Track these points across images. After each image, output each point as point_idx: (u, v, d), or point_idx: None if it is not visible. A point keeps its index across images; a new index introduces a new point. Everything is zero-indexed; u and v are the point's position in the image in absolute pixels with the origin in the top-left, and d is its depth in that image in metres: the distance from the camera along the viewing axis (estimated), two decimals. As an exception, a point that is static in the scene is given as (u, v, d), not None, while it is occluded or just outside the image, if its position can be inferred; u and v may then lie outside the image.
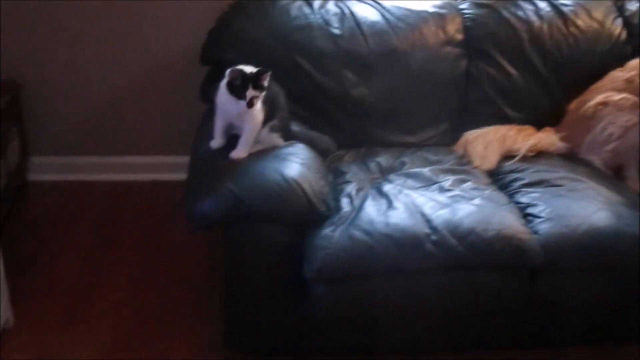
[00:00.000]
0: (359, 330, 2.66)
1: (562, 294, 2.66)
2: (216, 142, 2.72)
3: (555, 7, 3.43)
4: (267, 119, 2.70)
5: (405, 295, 2.58)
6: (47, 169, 3.89)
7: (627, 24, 3.47)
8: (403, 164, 3.05)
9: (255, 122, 2.65)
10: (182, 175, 2.86)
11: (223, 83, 2.65)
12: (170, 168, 3.83)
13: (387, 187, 2.80)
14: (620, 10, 3.51)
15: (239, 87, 2.57)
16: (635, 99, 3.08)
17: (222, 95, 2.65)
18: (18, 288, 2.98)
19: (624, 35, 3.44)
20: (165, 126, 3.85)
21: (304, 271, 2.49)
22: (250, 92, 2.57)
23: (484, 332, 2.73)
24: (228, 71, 2.59)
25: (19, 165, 3.66)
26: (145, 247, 3.40)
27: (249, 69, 2.60)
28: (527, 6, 3.42)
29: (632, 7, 3.51)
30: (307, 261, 2.49)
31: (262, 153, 2.68)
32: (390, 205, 2.66)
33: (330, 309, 2.56)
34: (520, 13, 3.38)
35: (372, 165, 3.04)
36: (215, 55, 3.14)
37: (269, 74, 2.60)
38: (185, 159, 2.92)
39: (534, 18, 3.38)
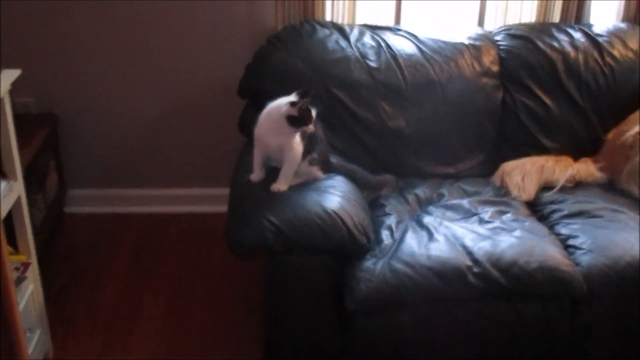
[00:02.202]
0: (401, 362, 2.65)
1: (604, 322, 2.64)
2: (256, 175, 2.73)
3: (590, 37, 3.44)
4: (306, 152, 2.71)
5: (448, 326, 2.57)
6: (84, 202, 3.93)
7: (662, 53, 3.47)
8: (441, 195, 3.06)
9: (295, 154, 2.67)
10: (217, 208, 2.89)
11: (263, 115, 2.66)
12: (205, 200, 3.87)
13: (427, 219, 2.81)
14: (653, 38, 3.52)
15: (307, 117, 2.59)
16: (674, 128, 3.07)
17: (262, 127, 2.67)
18: (57, 318, 3.03)
19: (659, 64, 3.44)
20: (201, 158, 3.89)
21: (345, 303, 2.49)
22: (314, 113, 2.60)
23: (526, 361, 2.72)
24: (291, 107, 2.58)
25: (56, 198, 3.70)
26: (182, 277, 3.42)
27: (293, 98, 2.61)
28: (562, 37, 3.42)
29: (667, 36, 3.51)
30: (348, 293, 2.50)
31: (302, 186, 2.69)
32: (430, 237, 2.67)
33: (373, 341, 2.56)
34: (555, 44, 3.39)
35: (410, 197, 3.04)
36: (253, 87, 3.17)
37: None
38: (220, 191, 2.96)
39: (569, 48, 3.39)
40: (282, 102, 2.62)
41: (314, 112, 2.61)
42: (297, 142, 2.67)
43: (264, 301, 2.69)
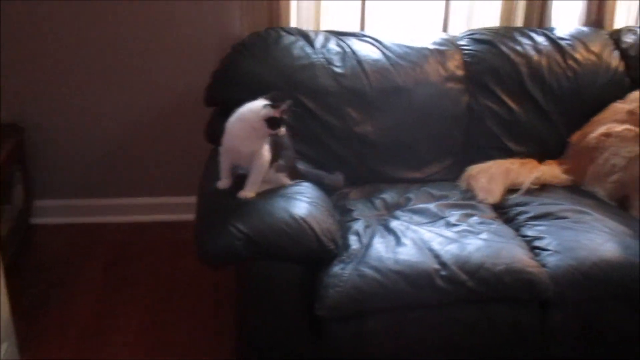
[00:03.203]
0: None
1: (572, 324, 2.66)
2: (223, 182, 2.72)
3: (553, 41, 3.49)
4: (273, 159, 2.71)
5: (418, 331, 2.58)
6: (52, 212, 3.91)
7: (624, 56, 3.53)
8: (409, 200, 3.07)
9: (263, 161, 2.66)
10: (187, 216, 2.87)
11: (233, 122, 2.66)
12: (176, 208, 3.87)
13: (394, 224, 2.81)
14: (617, 42, 3.57)
15: (283, 119, 2.60)
16: (637, 130, 3.11)
17: (233, 134, 2.66)
18: (28, 331, 2.99)
19: (621, 67, 3.50)
20: (170, 166, 3.88)
21: (315, 309, 2.49)
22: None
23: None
24: (272, 109, 2.57)
25: (23, 209, 3.67)
26: (154, 287, 3.40)
27: (264, 101, 2.61)
28: (526, 41, 3.47)
29: (628, 39, 3.57)
30: (318, 299, 2.50)
31: (270, 192, 2.69)
32: (398, 241, 2.67)
33: (345, 347, 2.55)
34: (518, 48, 3.43)
35: (378, 202, 3.05)
36: (220, 96, 3.17)
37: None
38: (191, 199, 2.93)
39: (532, 52, 3.43)
40: (256, 106, 2.61)
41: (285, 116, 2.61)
42: (266, 149, 2.67)
43: (235, 309, 2.69)
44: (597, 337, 2.70)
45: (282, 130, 2.61)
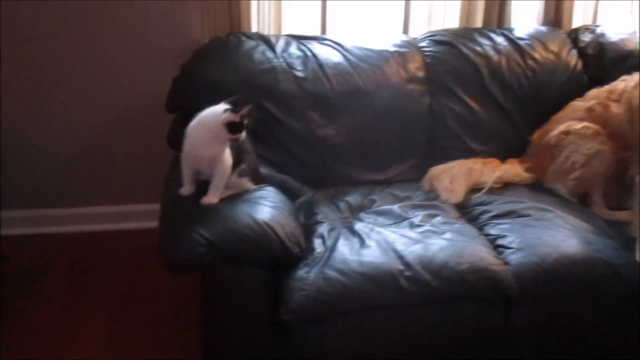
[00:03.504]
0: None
1: (538, 321, 2.68)
2: (186, 189, 2.71)
3: (512, 41, 3.53)
4: (236, 164, 2.71)
5: (384, 332, 2.58)
6: (15, 223, 3.85)
7: (582, 54, 3.58)
8: (372, 201, 3.08)
9: (225, 166, 2.66)
10: (151, 223, 2.85)
11: (193, 127, 2.65)
12: (138, 216, 3.84)
13: (359, 226, 2.82)
14: (575, 41, 3.62)
15: (243, 124, 2.59)
16: (596, 127, 3.15)
17: (194, 139, 2.64)
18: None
19: (579, 65, 3.55)
20: (134, 174, 3.86)
21: (281, 313, 2.49)
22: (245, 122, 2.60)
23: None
24: (232, 114, 2.57)
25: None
26: (119, 295, 3.37)
27: (225, 106, 2.60)
28: (485, 41, 3.50)
29: (585, 38, 3.62)
30: (283, 303, 2.49)
31: (233, 198, 2.68)
32: (362, 243, 2.68)
33: (312, 351, 2.55)
34: (478, 48, 3.46)
35: (342, 205, 3.06)
36: (182, 102, 3.15)
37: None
38: (153, 207, 2.92)
39: (492, 53, 3.46)
40: (217, 111, 2.60)
41: (246, 121, 2.61)
42: (228, 154, 2.67)
43: (201, 314, 2.68)
44: (561, 333, 2.72)
45: (243, 134, 2.60)
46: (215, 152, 2.62)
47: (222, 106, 2.60)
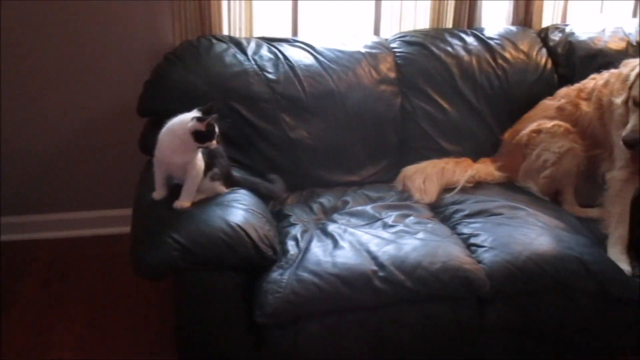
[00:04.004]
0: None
1: (511, 319, 2.69)
2: (158, 193, 2.70)
3: (483, 41, 3.56)
4: (208, 168, 2.71)
5: (359, 333, 2.58)
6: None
7: (551, 53, 3.62)
8: (346, 203, 3.09)
9: (197, 171, 2.65)
10: (126, 228, 2.84)
11: (164, 133, 2.64)
12: (113, 222, 3.81)
13: (332, 227, 2.82)
14: (544, 40, 3.66)
15: (212, 133, 2.58)
16: (567, 125, 3.18)
17: (164, 145, 2.64)
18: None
19: (549, 64, 3.59)
20: (106, 179, 3.83)
21: (255, 316, 2.48)
22: (216, 129, 2.60)
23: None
24: (198, 122, 2.56)
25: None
26: (93, 301, 3.35)
27: (196, 113, 2.60)
28: (456, 42, 3.52)
29: (555, 37, 3.65)
30: (257, 306, 2.49)
31: (206, 201, 2.68)
32: (336, 245, 2.68)
33: (287, 353, 2.54)
34: (449, 49, 3.49)
35: (316, 206, 3.06)
36: (153, 106, 3.14)
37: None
38: (126, 212, 2.90)
39: (462, 53, 3.49)
40: (185, 119, 2.60)
41: (217, 128, 2.60)
42: (199, 159, 2.67)
43: (175, 318, 2.67)
44: (535, 330, 2.74)
45: (213, 143, 2.60)
46: (186, 159, 2.63)
47: (191, 114, 2.60)
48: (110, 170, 3.81)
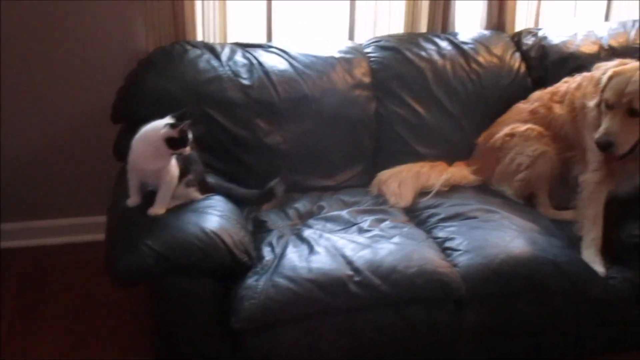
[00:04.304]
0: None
1: (487, 322, 2.71)
2: (132, 200, 2.69)
3: (456, 46, 3.57)
4: (182, 174, 2.70)
5: (336, 338, 2.58)
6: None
7: (525, 57, 3.64)
8: (321, 208, 3.09)
9: (172, 177, 2.65)
10: (100, 236, 2.82)
11: (137, 140, 2.63)
12: (88, 229, 3.78)
13: (307, 232, 2.82)
14: (518, 44, 3.68)
15: (185, 139, 2.58)
16: (540, 129, 3.20)
17: (137, 152, 2.63)
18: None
19: (523, 68, 3.61)
20: (81, 186, 3.80)
21: (231, 323, 2.47)
22: (190, 135, 2.59)
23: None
24: (171, 129, 2.56)
25: None
26: (70, 309, 3.32)
27: (169, 120, 2.60)
28: (430, 46, 3.54)
29: (528, 41, 3.68)
30: (233, 312, 2.48)
31: (181, 207, 2.67)
32: (311, 250, 2.68)
33: (264, 357, 2.54)
34: (423, 53, 3.50)
35: (291, 212, 3.06)
36: (127, 113, 3.12)
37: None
38: (101, 219, 2.89)
39: (436, 57, 3.50)
40: (158, 125, 2.59)
41: (190, 134, 2.60)
42: (173, 165, 2.66)
43: (152, 327, 2.65)
44: (510, 332, 2.76)
45: (187, 149, 2.60)
46: (159, 166, 2.62)
47: (164, 120, 2.59)
48: (84, 177, 3.78)
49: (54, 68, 3.59)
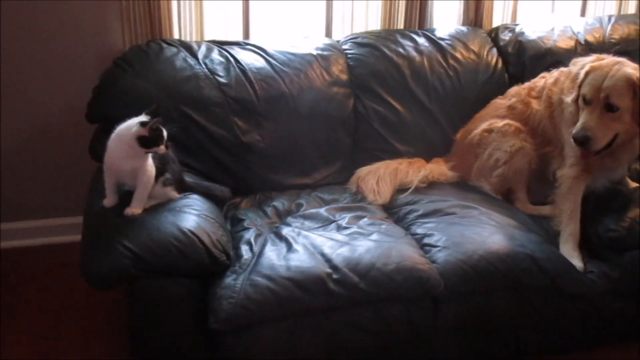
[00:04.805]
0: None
1: (466, 318, 2.71)
2: (109, 200, 2.67)
3: (434, 42, 3.57)
4: (159, 173, 2.68)
5: (315, 337, 2.57)
6: None
7: (501, 53, 3.65)
8: (300, 205, 3.08)
9: (148, 176, 2.63)
10: (76, 237, 2.80)
11: (112, 139, 2.61)
12: (64, 230, 3.75)
13: (286, 230, 2.81)
14: (495, 40, 3.69)
15: (158, 138, 2.56)
16: (518, 124, 3.20)
17: (113, 152, 2.61)
18: None
19: (500, 64, 3.62)
20: (56, 187, 3.76)
21: (209, 322, 2.46)
22: (165, 133, 2.58)
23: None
24: (142, 127, 2.54)
25: None
26: (47, 312, 3.28)
27: (143, 118, 2.58)
28: (407, 42, 3.53)
29: (505, 37, 3.68)
30: (211, 312, 2.47)
31: (158, 207, 2.65)
32: (290, 248, 2.68)
33: (242, 358, 2.52)
34: (400, 50, 3.50)
35: (269, 210, 3.05)
36: (102, 112, 3.09)
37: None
38: (78, 220, 2.86)
39: (414, 54, 3.50)
40: (132, 123, 2.58)
41: (165, 133, 2.58)
42: (150, 164, 2.64)
43: (129, 329, 2.63)
44: (489, 328, 2.77)
45: (161, 148, 2.58)
46: (135, 165, 2.60)
47: (138, 119, 2.58)
48: (59, 178, 3.75)
49: (29, 67, 3.55)
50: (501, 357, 2.88)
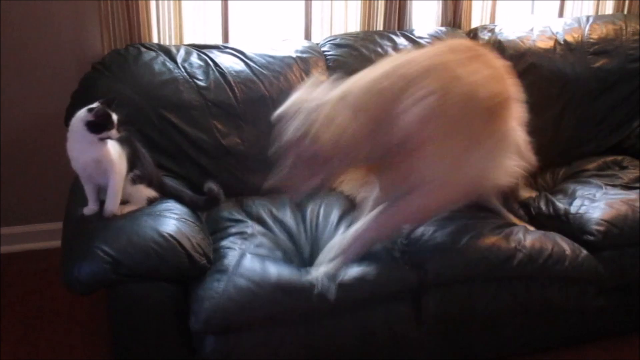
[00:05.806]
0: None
1: (448, 310, 2.74)
2: (89, 208, 2.66)
3: (413, 42, 3.57)
4: (129, 169, 2.68)
5: (296, 339, 2.58)
6: None
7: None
8: (282, 208, 3.07)
9: (115, 169, 2.61)
10: (56, 243, 2.79)
11: (68, 134, 2.63)
12: (43, 236, 3.74)
13: (267, 233, 2.82)
14: (474, 40, 3.69)
15: (106, 121, 2.56)
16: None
17: (70, 144, 2.63)
18: None
19: (480, 64, 3.60)
20: (38, 192, 3.74)
21: (190, 324, 2.47)
22: (114, 117, 2.58)
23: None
24: (88, 113, 2.56)
25: None
26: (27, 318, 3.27)
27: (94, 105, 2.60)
28: (386, 43, 3.54)
29: (484, 36, 3.69)
30: (192, 314, 2.47)
31: (137, 211, 2.65)
32: (272, 251, 2.68)
33: (223, 361, 2.53)
34: (379, 49, 3.49)
35: (251, 213, 3.04)
36: (81, 118, 3.08)
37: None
38: (58, 225, 2.85)
39: (392, 53, 3.48)
40: (80, 113, 2.59)
41: (114, 117, 2.57)
42: (116, 156, 2.63)
43: (110, 334, 2.62)
44: (469, 322, 2.79)
45: (113, 132, 2.57)
46: (94, 155, 2.59)
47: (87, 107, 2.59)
48: (40, 184, 3.73)
49: (6, 71, 3.52)
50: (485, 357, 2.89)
